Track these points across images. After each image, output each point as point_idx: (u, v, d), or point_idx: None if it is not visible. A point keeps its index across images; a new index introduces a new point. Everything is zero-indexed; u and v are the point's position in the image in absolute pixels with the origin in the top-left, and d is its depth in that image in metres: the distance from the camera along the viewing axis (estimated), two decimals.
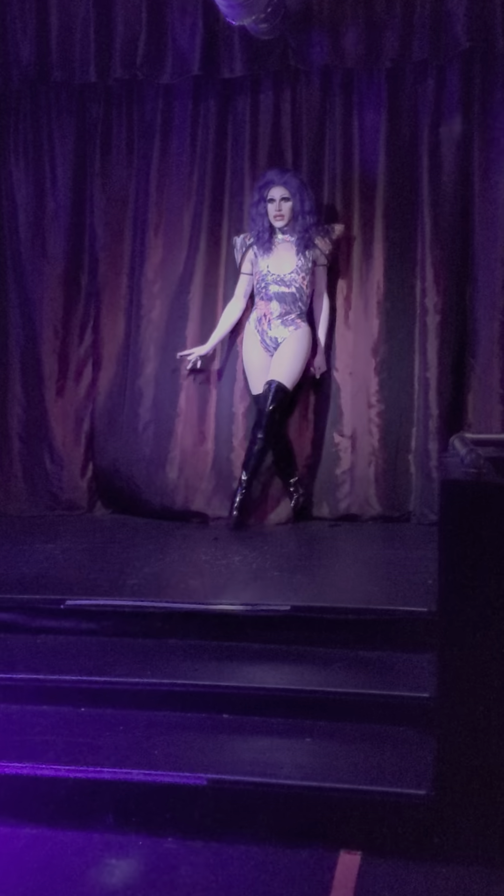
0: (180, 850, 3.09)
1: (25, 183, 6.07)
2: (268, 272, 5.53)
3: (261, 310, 5.58)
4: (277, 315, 5.51)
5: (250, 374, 5.64)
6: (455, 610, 2.99)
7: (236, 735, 3.46)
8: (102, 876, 2.95)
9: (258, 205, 5.55)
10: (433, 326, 5.59)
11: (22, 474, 6.15)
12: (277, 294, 5.51)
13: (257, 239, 5.56)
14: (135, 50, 5.65)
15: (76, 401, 6.12)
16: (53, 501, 6.14)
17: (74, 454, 6.12)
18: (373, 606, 3.97)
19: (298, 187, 5.47)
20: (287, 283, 5.50)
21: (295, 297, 5.51)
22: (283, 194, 5.48)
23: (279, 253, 5.55)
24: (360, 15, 5.42)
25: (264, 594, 4.21)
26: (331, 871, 2.98)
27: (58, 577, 4.57)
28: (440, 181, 5.58)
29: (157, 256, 5.92)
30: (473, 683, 2.99)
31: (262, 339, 5.56)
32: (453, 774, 3.02)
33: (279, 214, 5.50)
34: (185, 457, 5.82)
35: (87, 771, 3.26)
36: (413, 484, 5.68)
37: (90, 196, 6.04)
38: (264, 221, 5.54)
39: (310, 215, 5.49)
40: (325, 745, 3.37)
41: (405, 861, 3.01)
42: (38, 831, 3.20)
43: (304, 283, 5.52)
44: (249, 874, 2.98)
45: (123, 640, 4.06)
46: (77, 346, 6.11)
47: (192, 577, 4.54)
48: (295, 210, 5.49)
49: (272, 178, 5.52)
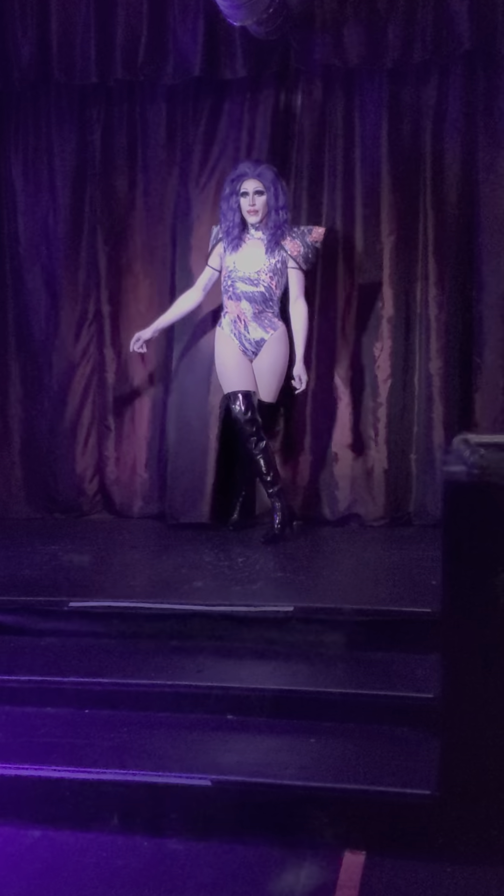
0: (185, 851, 3.09)
1: (25, 184, 6.06)
2: (234, 269, 5.26)
3: (233, 311, 5.30)
4: (252, 315, 5.26)
5: (225, 371, 5.33)
6: (459, 610, 3.00)
7: (240, 736, 3.46)
8: (107, 877, 2.95)
9: (229, 198, 5.25)
10: (437, 326, 5.60)
11: (22, 477, 6.16)
12: (246, 294, 5.24)
13: (227, 234, 5.29)
14: (136, 51, 5.63)
15: (76, 402, 6.11)
16: (52, 504, 6.14)
17: (74, 456, 6.12)
18: (376, 607, 3.97)
19: (273, 180, 5.19)
20: (254, 283, 5.23)
21: (265, 296, 5.25)
22: (257, 187, 5.19)
23: (247, 250, 5.28)
24: (361, 15, 5.41)
25: (267, 595, 4.22)
26: (335, 870, 2.98)
27: (61, 579, 4.58)
28: (443, 182, 5.58)
29: (157, 257, 5.92)
30: (477, 684, 2.99)
31: (241, 342, 5.29)
32: (458, 774, 3.02)
33: (253, 209, 5.21)
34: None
35: (91, 772, 3.26)
36: (416, 484, 5.68)
37: (90, 197, 6.03)
38: (235, 216, 5.25)
39: (283, 211, 5.21)
40: (329, 746, 3.37)
41: (410, 861, 3.01)
42: (42, 832, 3.21)
43: (273, 283, 5.24)
44: (254, 874, 2.98)
45: (127, 642, 4.07)
46: (77, 344, 6.11)
47: (195, 579, 4.54)
48: (269, 205, 5.20)
49: (245, 170, 5.23)
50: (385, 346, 5.68)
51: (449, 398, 5.60)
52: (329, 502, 5.75)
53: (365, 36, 5.41)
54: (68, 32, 5.72)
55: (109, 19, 5.66)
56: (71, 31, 5.72)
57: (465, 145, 5.55)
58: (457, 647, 3.01)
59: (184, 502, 5.71)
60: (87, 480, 6.12)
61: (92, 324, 6.10)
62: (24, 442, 6.16)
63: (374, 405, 5.69)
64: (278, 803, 3.16)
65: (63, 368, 6.09)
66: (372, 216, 5.67)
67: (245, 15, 4.80)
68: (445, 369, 5.59)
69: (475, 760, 3.00)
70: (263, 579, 4.50)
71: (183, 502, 5.71)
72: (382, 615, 3.93)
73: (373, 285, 5.68)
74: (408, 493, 5.71)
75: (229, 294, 5.32)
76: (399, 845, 3.06)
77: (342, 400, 5.71)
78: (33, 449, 6.14)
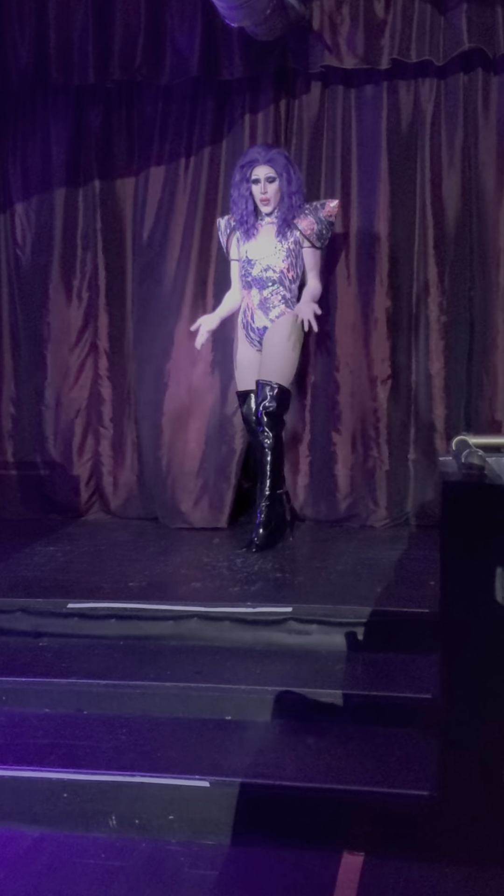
0: (183, 852, 3.08)
1: (23, 184, 6.07)
2: (248, 258, 5.15)
3: (244, 300, 5.20)
4: (258, 303, 5.13)
5: (238, 370, 5.30)
6: (457, 611, 2.99)
7: (239, 736, 3.46)
8: (106, 878, 2.95)
9: (240, 185, 5.09)
10: (437, 326, 5.59)
11: (16, 477, 6.14)
12: (257, 280, 5.11)
13: (241, 223, 5.14)
14: (133, 51, 5.63)
15: (72, 402, 6.10)
16: (48, 505, 6.12)
17: (70, 457, 6.10)
18: (375, 608, 3.97)
19: (285, 165, 5.05)
20: (266, 269, 5.11)
21: (275, 282, 5.10)
22: (269, 174, 5.04)
23: (262, 237, 5.15)
24: (359, 16, 5.41)
25: (266, 596, 4.22)
26: (334, 871, 2.97)
27: (60, 580, 4.58)
28: (441, 182, 5.57)
29: (157, 257, 5.92)
30: (476, 684, 2.99)
31: (248, 333, 5.20)
32: (456, 775, 3.01)
33: (265, 198, 5.05)
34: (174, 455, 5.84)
35: (90, 773, 3.26)
36: (414, 485, 5.68)
37: (87, 198, 6.04)
38: (248, 204, 5.11)
39: (296, 196, 5.07)
40: (327, 747, 3.37)
41: (408, 862, 3.00)
42: (41, 834, 3.21)
43: (286, 267, 5.11)
44: (252, 876, 2.98)
45: (126, 643, 4.07)
46: (73, 346, 6.10)
47: (194, 580, 4.54)
48: (282, 191, 5.07)
49: (255, 156, 5.07)
50: (385, 345, 5.68)
51: (448, 399, 5.59)
52: (329, 502, 5.75)
53: (362, 37, 5.41)
54: (66, 33, 5.73)
55: (107, 20, 5.67)
56: (69, 31, 5.72)
57: (463, 145, 5.55)
58: (455, 647, 3.01)
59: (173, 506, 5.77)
60: (84, 481, 6.12)
61: (89, 325, 6.10)
62: (20, 442, 6.15)
63: (374, 405, 5.69)
64: (276, 804, 3.15)
65: (60, 369, 6.09)
66: (370, 216, 5.67)
67: (243, 16, 4.80)
68: (445, 370, 5.59)
69: (474, 761, 3.00)
70: (262, 580, 4.50)
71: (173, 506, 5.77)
72: (381, 616, 3.93)
73: (372, 285, 5.68)
74: (406, 494, 5.71)
75: (243, 283, 5.20)
76: (397, 846, 3.05)
77: (342, 400, 5.71)
78: (29, 449, 6.14)
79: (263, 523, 5.02)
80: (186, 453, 5.81)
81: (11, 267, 6.14)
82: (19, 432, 6.16)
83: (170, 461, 5.83)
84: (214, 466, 5.78)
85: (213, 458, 5.78)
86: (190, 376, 5.82)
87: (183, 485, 5.80)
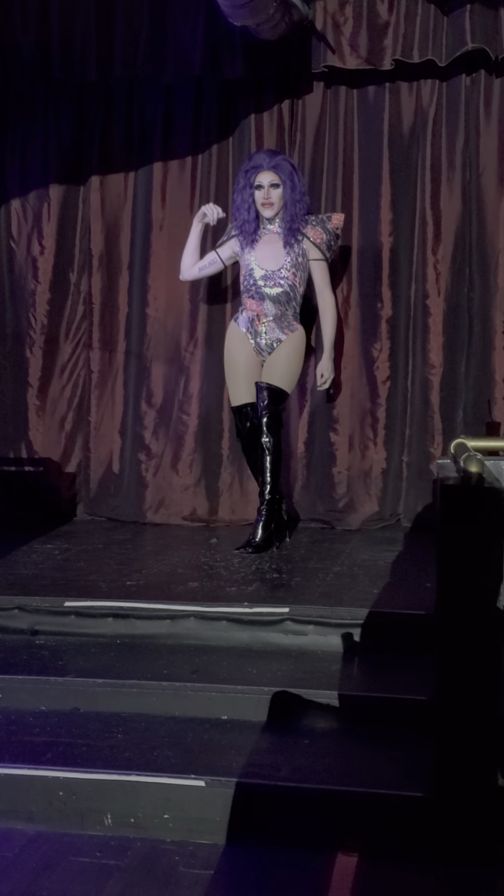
0: (178, 851, 3.09)
1: (22, 181, 6.07)
2: (255, 268, 5.10)
3: (252, 310, 5.12)
4: (273, 317, 5.10)
5: (234, 379, 5.18)
6: (453, 613, 3.00)
7: (234, 736, 3.46)
8: (101, 876, 2.96)
9: (243, 191, 5.06)
10: (435, 326, 5.60)
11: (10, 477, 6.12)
12: (270, 295, 5.08)
13: (241, 230, 5.11)
14: (136, 49, 5.62)
15: (62, 401, 6.09)
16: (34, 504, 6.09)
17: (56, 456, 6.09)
18: (371, 609, 3.98)
19: (290, 173, 5.02)
20: (277, 282, 5.07)
21: (289, 295, 5.08)
22: (273, 180, 5.02)
23: (265, 247, 5.12)
24: (362, 17, 5.41)
25: (263, 596, 4.23)
26: (328, 872, 2.98)
27: (57, 579, 4.58)
28: (442, 183, 5.58)
29: (157, 257, 5.92)
30: (471, 686, 3.00)
31: (255, 341, 5.14)
32: (451, 777, 3.02)
33: (268, 202, 5.03)
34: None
35: (86, 771, 3.26)
36: (411, 486, 5.69)
37: (88, 195, 6.03)
38: (251, 210, 5.07)
39: (300, 204, 5.06)
40: (322, 747, 3.38)
41: (403, 863, 3.01)
42: (36, 832, 3.21)
43: (297, 280, 5.09)
44: (247, 875, 2.98)
45: (122, 642, 4.08)
46: (66, 343, 6.09)
47: (191, 579, 4.55)
48: (285, 198, 5.04)
49: (260, 162, 5.05)
50: (384, 346, 5.68)
51: (447, 400, 5.60)
52: (326, 503, 5.75)
53: (365, 37, 5.41)
54: (68, 30, 5.71)
55: (109, 17, 5.65)
56: (71, 28, 5.71)
57: (465, 146, 5.55)
58: (451, 649, 3.01)
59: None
60: (77, 479, 6.11)
61: (82, 322, 6.09)
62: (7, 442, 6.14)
63: (372, 406, 5.69)
64: (271, 804, 3.16)
65: (53, 367, 6.08)
66: (371, 217, 5.67)
67: (247, 15, 4.79)
68: (443, 371, 5.59)
69: (469, 762, 3.01)
70: (259, 580, 4.51)
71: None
72: (377, 617, 3.93)
73: (372, 286, 5.68)
74: (403, 495, 5.71)
75: (251, 293, 5.14)
76: (392, 847, 3.06)
77: (341, 401, 5.71)
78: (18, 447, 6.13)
79: (263, 525, 5.03)
80: (176, 453, 5.82)
81: (8, 263, 6.13)
82: (9, 432, 6.14)
83: (158, 461, 5.84)
84: (203, 465, 5.81)
85: (203, 457, 5.79)
86: (181, 376, 5.83)
87: (170, 483, 5.84)
